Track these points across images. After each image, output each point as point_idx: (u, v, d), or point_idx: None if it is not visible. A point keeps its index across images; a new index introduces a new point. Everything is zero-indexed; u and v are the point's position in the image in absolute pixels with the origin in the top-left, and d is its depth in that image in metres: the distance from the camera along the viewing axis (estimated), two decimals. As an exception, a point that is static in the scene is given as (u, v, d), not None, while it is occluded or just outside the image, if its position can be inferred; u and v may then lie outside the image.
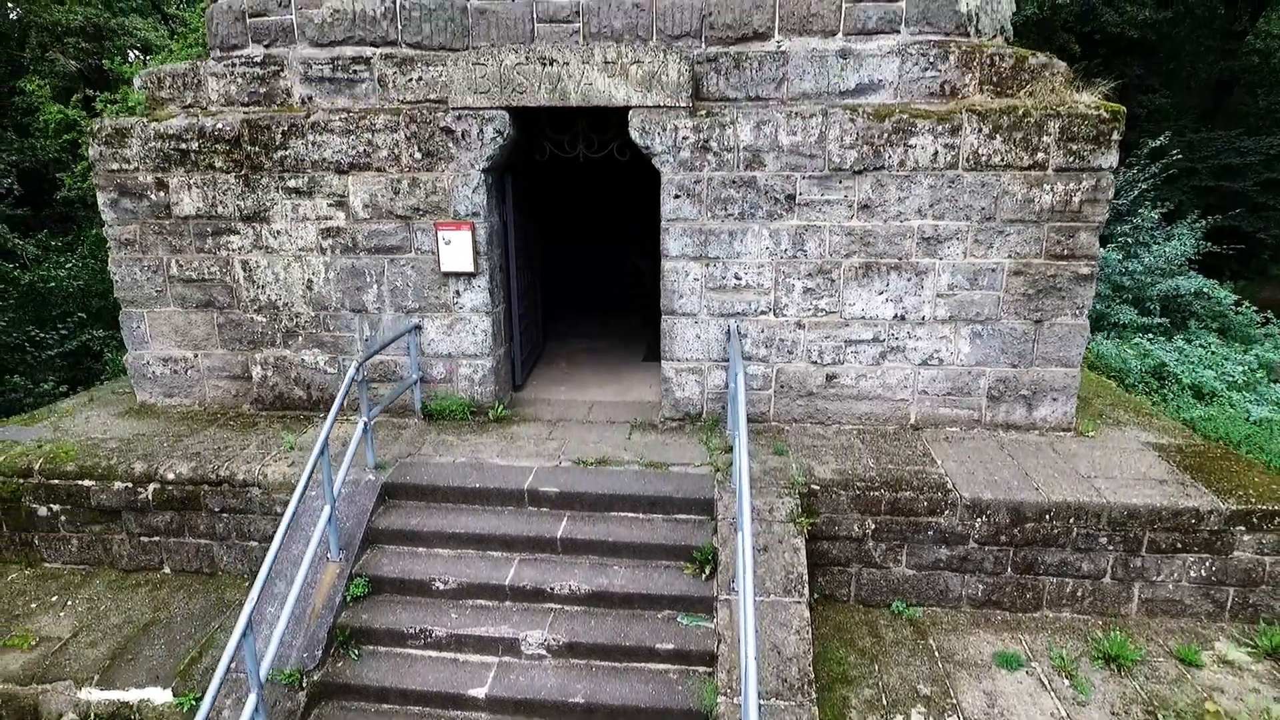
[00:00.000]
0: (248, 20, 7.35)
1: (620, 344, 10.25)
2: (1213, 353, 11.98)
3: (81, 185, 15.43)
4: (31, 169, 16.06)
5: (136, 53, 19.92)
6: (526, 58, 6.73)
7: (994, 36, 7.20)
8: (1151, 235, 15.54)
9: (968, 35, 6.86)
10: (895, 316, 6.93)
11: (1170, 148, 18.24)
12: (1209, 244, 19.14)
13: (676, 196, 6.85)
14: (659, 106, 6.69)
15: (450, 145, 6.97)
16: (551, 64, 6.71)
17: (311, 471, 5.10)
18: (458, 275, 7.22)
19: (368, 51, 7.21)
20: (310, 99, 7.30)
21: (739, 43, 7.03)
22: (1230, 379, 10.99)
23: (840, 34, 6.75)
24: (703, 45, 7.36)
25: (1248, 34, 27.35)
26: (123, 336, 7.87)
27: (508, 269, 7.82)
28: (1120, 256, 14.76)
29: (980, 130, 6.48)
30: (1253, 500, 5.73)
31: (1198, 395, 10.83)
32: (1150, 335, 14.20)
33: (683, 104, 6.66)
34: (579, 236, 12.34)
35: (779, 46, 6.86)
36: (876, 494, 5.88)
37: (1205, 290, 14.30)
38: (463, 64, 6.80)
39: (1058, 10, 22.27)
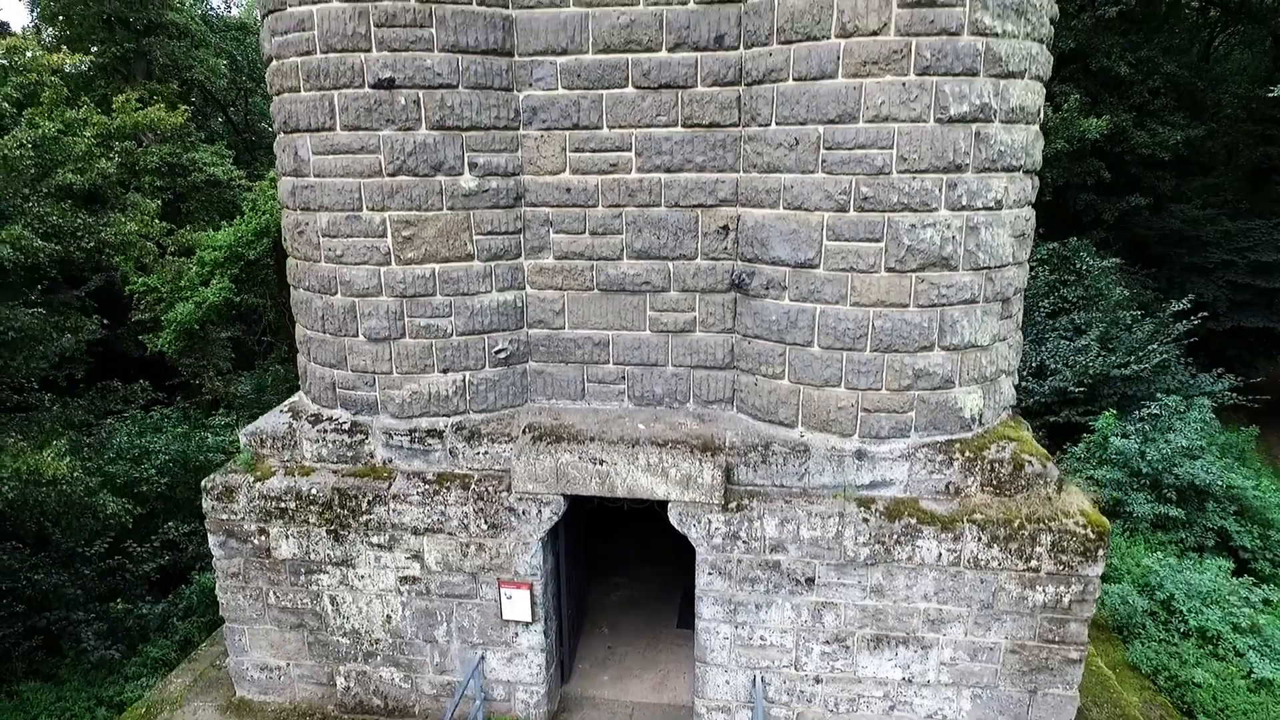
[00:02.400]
0: (337, 390, 8.47)
1: (656, 595, 11.20)
2: (1226, 580, 12.50)
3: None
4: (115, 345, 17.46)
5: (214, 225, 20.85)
6: (580, 457, 7.73)
7: (999, 414, 8.04)
8: (1171, 419, 16.01)
9: (971, 430, 7.71)
10: (903, 679, 7.80)
11: (1193, 310, 18.65)
12: (1234, 395, 19.56)
13: (709, 573, 7.80)
14: (695, 502, 7.65)
15: (512, 519, 8.01)
16: (601, 463, 7.70)
17: None
18: (517, 621, 8.25)
19: (440, 424, 8.28)
20: (390, 461, 8.39)
21: (766, 422, 7.98)
22: (1235, 620, 11.59)
23: (856, 435, 7.63)
24: (732, 410, 8.33)
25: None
26: (226, 644, 9.05)
27: (560, 594, 8.83)
28: (1139, 443, 15.30)
29: (979, 539, 7.32)
30: None
31: (1202, 637, 11.46)
32: (1163, 532, 14.76)
33: (716, 501, 7.60)
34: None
35: (801, 437, 7.77)
36: None
37: (1222, 484, 14.77)
38: (524, 458, 7.82)
39: (1087, 141, 22.68)
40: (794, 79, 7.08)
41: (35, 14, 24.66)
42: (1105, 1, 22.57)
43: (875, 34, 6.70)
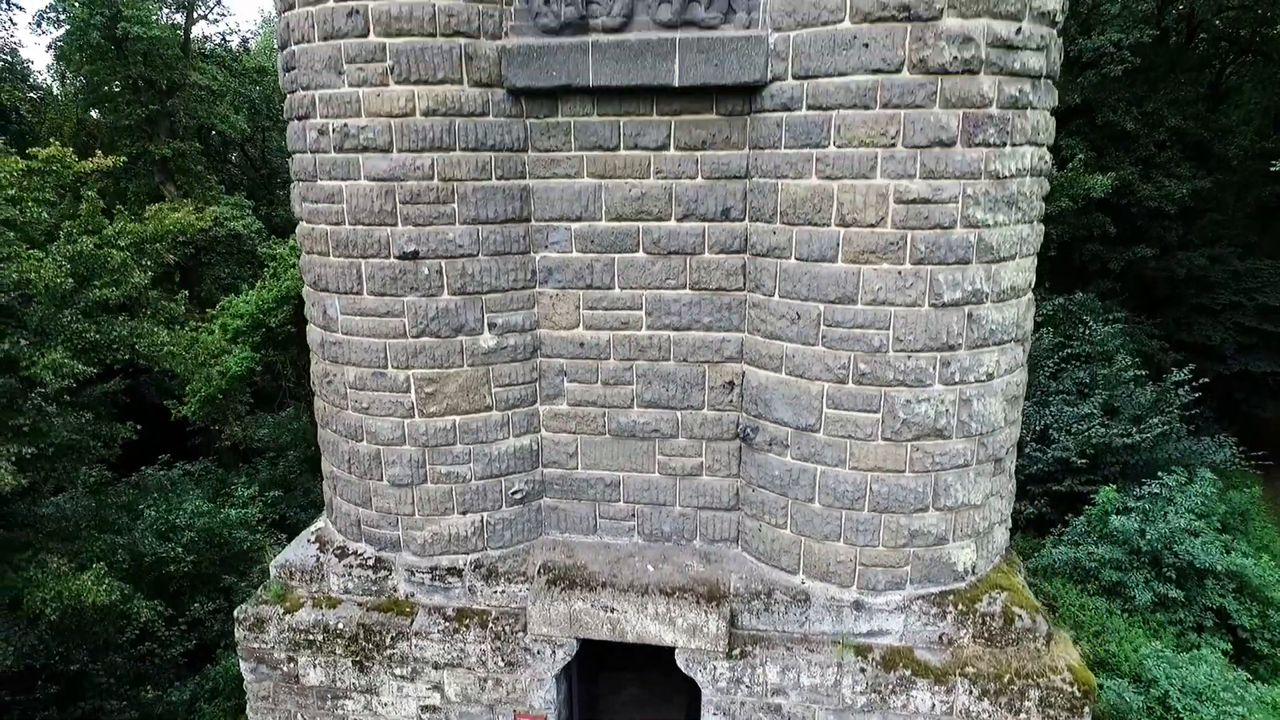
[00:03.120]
0: (362, 527, 8.93)
1: (663, 696, 11.58)
2: (1222, 674, 12.78)
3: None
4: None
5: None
6: (592, 605, 8.16)
7: (991, 560, 8.42)
8: (1173, 494, 16.25)
9: (964, 580, 8.09)
10: (899, 816, 8.18)
11: (1192, 379, 18.87)
12: (1236, 461, 19.79)
13: (714, 713, 8.21)
14: (701, 649, 8.05)
15: (528, 658, 8.44)
16: (611, 610, 8.12)
17: None
18: (532, 750, 8.69)
19: (460, 561, 8.72)
20: (413, 595, 8.85)
21: (769, 565, 8.39)
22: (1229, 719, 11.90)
23: (854, 587, 8.02)
24: (737, 548, 8.74)
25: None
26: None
27: (572, 716, 9.27)
28: (1139, 521, 15.57)
29: (971, 692, 7.69)
30: None
31: (1196, 735, 11.78)
32: (1163, 611, 15.05)
33: (720, 649, 8.01)
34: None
35: (802, 584, 8.17)
36: None
37: (1222, 566, 15.03)
38: (539, 603, 8.25)
39: (1093, 200, 22.93)
40: (796, 258, 7.47)
41: (57, 63, 25.33)
42: (1111, 61, 22.78)
43: (873, 226, 7.08)
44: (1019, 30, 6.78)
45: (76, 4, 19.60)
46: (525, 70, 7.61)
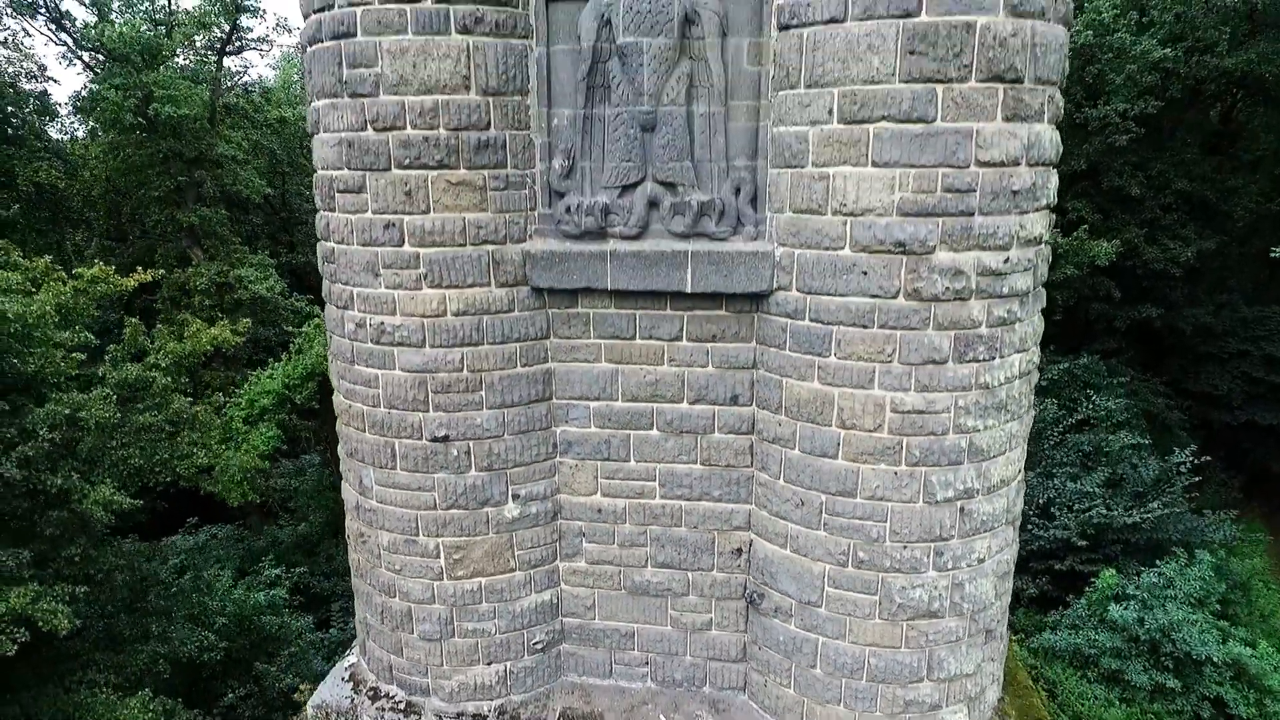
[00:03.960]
0: (394, 672, 9.55)
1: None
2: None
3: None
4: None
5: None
6: (608, 759, 8.73)
7: (986, 715, 8.94)
8: (1174, 577, 16.61)
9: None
10: None
11: (1197, 455, 19.23)
12: (1236, 539, 20.15)
13: None
14: (710, 804, 8.62)
15: (548, 803, 9.03)
16: (627, 766, 8.70)
17: None
18: None
19: (485, 707, 9.33)
20: (440, 739, 9.45)
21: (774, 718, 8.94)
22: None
23: (854, 746, 8.56)
24: (744, 696, 9.30)
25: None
26: None
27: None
28: (1138, 610, 15.99)
29: None
30: None
31: None
32: (1161, 699, 15.47)
33: (728, 804, 8.58)
34: None
35: (806, 743, 8.72)
36: None
37: (1219, 657, 15.43)
38: (559, 756, 8.85)
39: (1097, 267, 23.30)
40: (800, 451, 8.02)
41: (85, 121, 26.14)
42: (1116, 130, 23.14)
43: (871, 431, 7.63)
44: (1007, 259, 7.31)
45: (112, 90, 20.32)
46: (548, 274, 8.20)
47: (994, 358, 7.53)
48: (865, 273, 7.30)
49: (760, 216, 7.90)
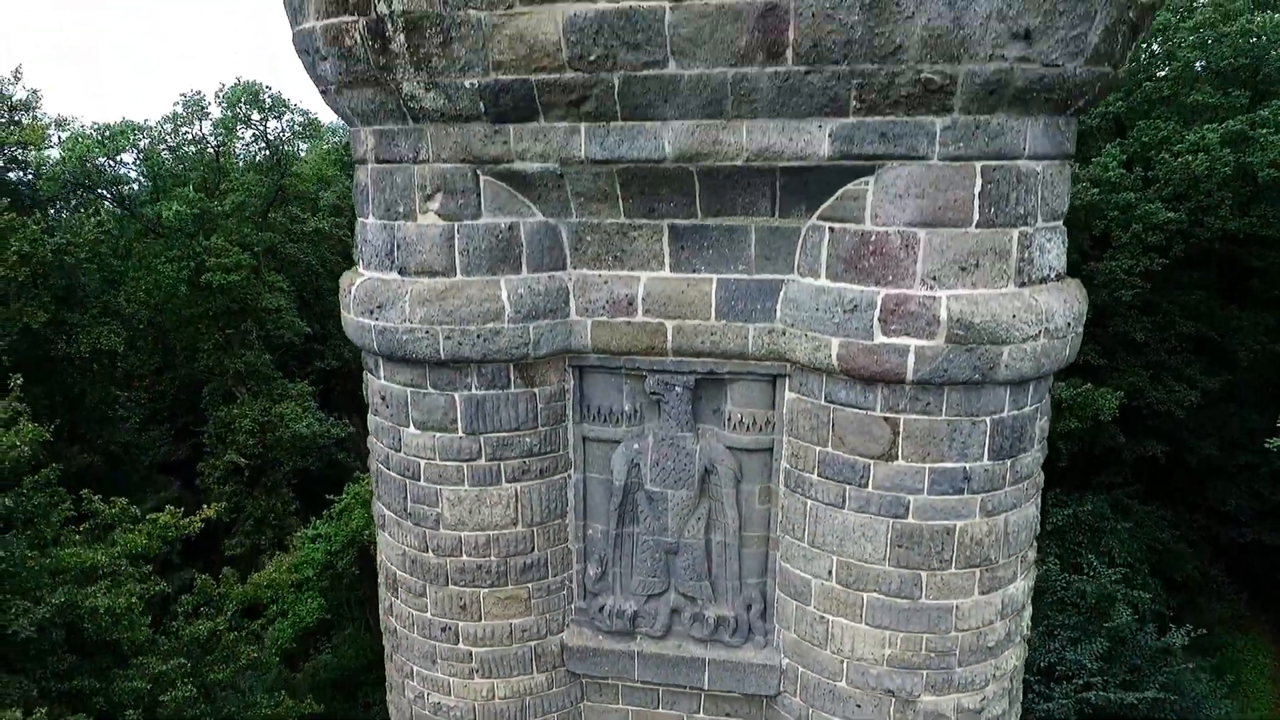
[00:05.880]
0: None
1: None
2: None
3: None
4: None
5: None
6: None
7: None
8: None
9: None
10: None
11: (1190, 633, 20.09)
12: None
13: None
14: None
15: None
16: None
17: None
18: None
19: None
20: None
21: None
22: None
23: None
24: None
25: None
26: None
27: None
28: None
29: None
30: None
31: None
32: None
33: None
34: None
35: None
36: None
37: None
38: None
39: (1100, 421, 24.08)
40: (803, 827, 9.14)
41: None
42: (1122, 286, 23.95)
43: None
44: (984, 699, 8.39)
45: (168, 263, 21.76)
46: (582, 664, 9.39)
47: None
48: (859, 705, 8.41)
49: (769, 627, 9.03)
